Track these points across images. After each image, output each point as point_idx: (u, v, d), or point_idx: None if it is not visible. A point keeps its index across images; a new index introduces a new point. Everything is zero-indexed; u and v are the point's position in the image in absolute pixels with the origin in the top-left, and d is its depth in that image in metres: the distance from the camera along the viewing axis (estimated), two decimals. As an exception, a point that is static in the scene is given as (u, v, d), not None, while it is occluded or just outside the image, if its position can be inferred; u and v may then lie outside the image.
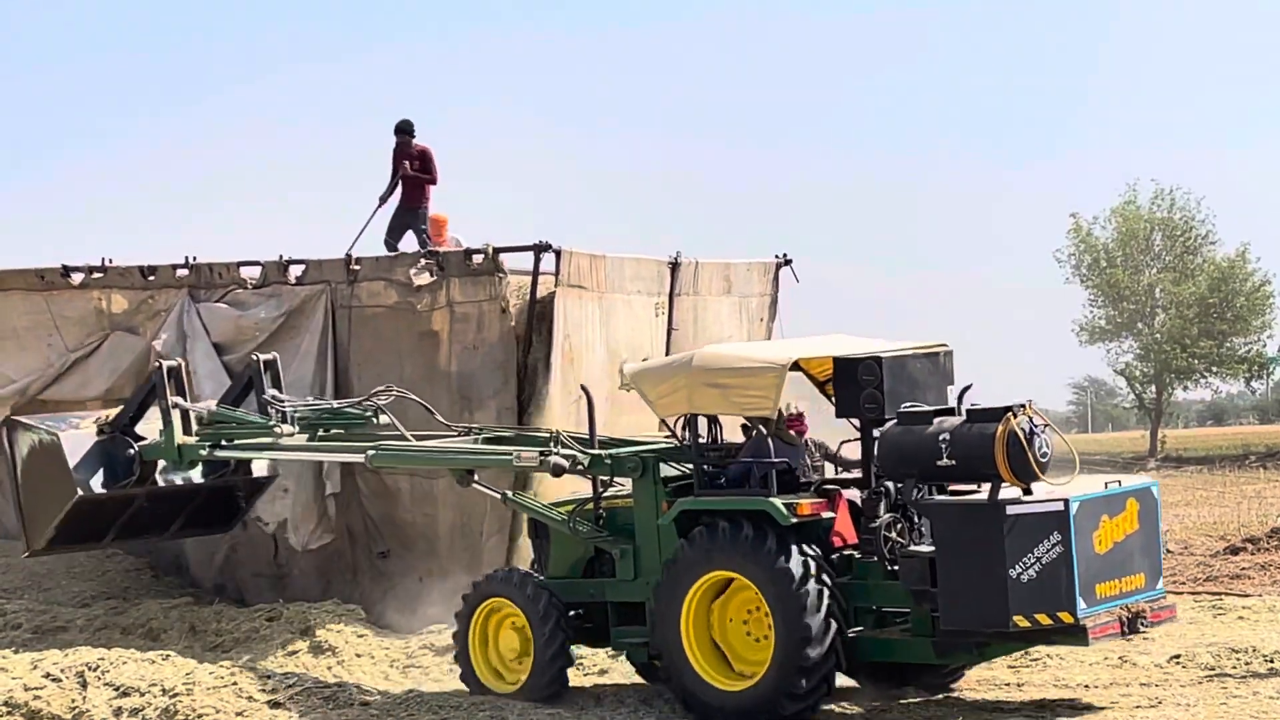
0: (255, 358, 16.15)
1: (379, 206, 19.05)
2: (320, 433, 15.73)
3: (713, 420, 13.79)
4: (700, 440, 13.51)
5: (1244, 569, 20.66)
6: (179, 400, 16.03)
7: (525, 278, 17.24)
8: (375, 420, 15.32)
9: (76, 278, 19.32)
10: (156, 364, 16.24)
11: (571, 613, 13.96)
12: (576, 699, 13.89)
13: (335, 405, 15.82)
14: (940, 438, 12.33)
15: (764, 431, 13.57)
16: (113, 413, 16.67)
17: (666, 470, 13.82)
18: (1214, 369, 53.83)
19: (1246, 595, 18.63)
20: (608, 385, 17.65)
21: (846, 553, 13.11)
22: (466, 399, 17.21)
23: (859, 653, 12.90)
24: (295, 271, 18.24)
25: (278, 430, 15.66)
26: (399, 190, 19.18)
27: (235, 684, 14.42)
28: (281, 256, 18.28)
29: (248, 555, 18.74)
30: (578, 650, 14.37)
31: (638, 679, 14.43)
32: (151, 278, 18.92)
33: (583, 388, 14.55)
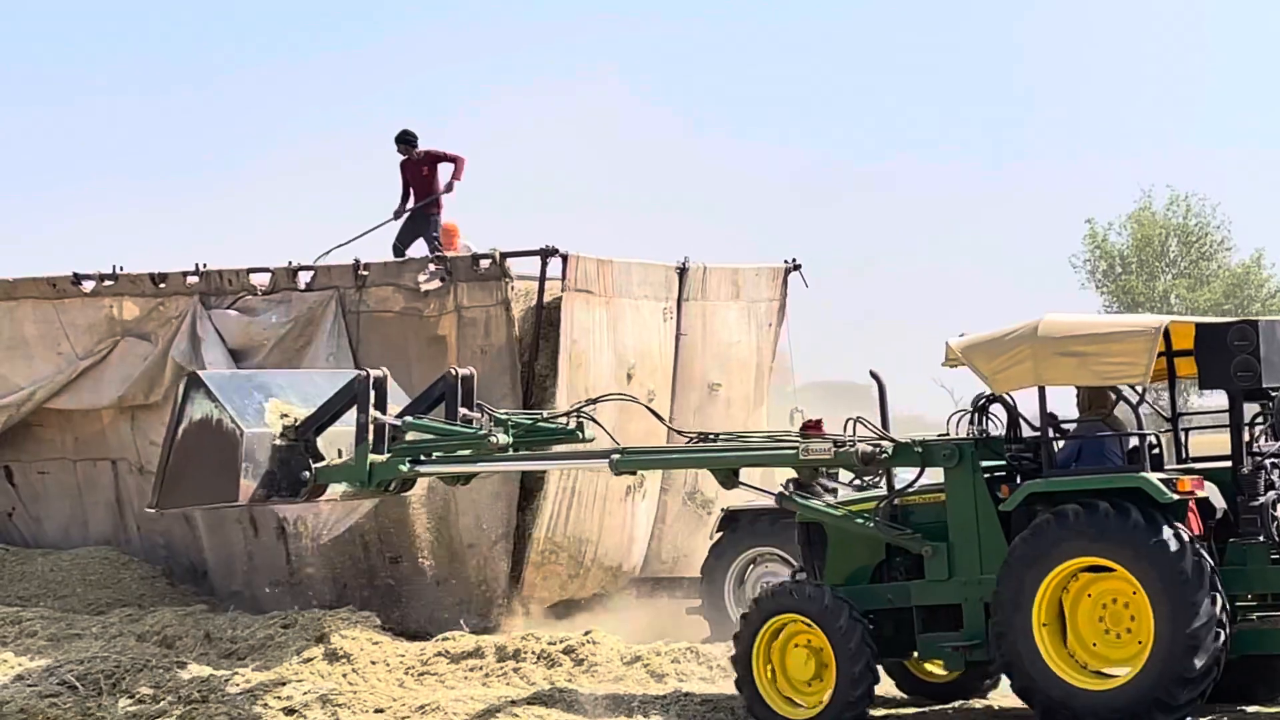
0: (453, 370, 15.03)
1: (392, 219, 19.09)
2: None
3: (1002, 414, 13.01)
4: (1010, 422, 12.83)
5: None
6: (379, 415, 14.66)
7: (532, 283, 17.29)
8: (581, 434, 14.38)
9: (87, 285, 19.25)
10: (362, 373, 14.96)
11: None
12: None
13: (543, 416, 14.78)
14: None
15: (1131, 401, 12.83)
16: (303, 414, 15.26)
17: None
18: (1230, 375, 53.74)
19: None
20: (615, 391, 17.68)
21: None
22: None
23: (1235, 646, 12.00)
24: (304, 278, 18.27)
25: (493, 440, 14.26)
26: (411, 200, 19.25)
27: (250, 692, 14.48)
28: (291, 262, 18.33)
29: (263, 563, 18.78)
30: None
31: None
32: (162, 285, 18.86)
33: (872, 373, 13.66)
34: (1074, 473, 12.44)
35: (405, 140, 19.15)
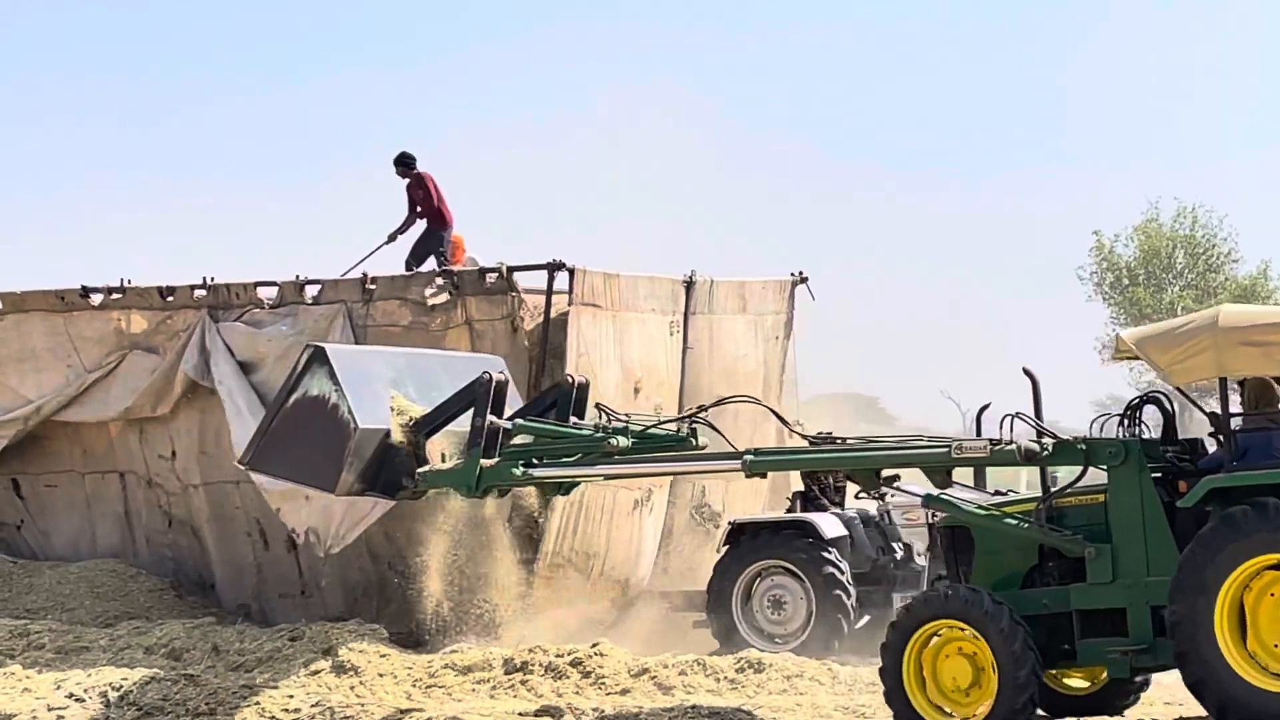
0: (570, 377, 14.70)
1: (387, 242, 19.16)
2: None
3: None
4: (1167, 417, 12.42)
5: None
6: (495, 419, 13.96)
7: (539, 296, 17.30)
8: (694, 441, 13.84)
9: (96, 298, 19.28)
10: (485, 375, 14.27)
11: None
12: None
13: (657, 421, 14.13)
14: None
15: None
16: (418, 414, 14.50)
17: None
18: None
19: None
20: (620, 405, 17.62)
21: None
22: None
23: None
24: (311, 291, 18.29)
25: (613, 444, 13.64)
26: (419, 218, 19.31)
27: (258, 704, 14.46)
28: (298, 276, 18.35)
29: (272, 574, 18.81)
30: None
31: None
32: (170, 298, 18.90)
33: (1025, 370, 13.18)
34: (1258, 467, 11.93)
35: (403, 162, 19.22)
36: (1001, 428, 12.49)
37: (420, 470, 14.17)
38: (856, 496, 17.93)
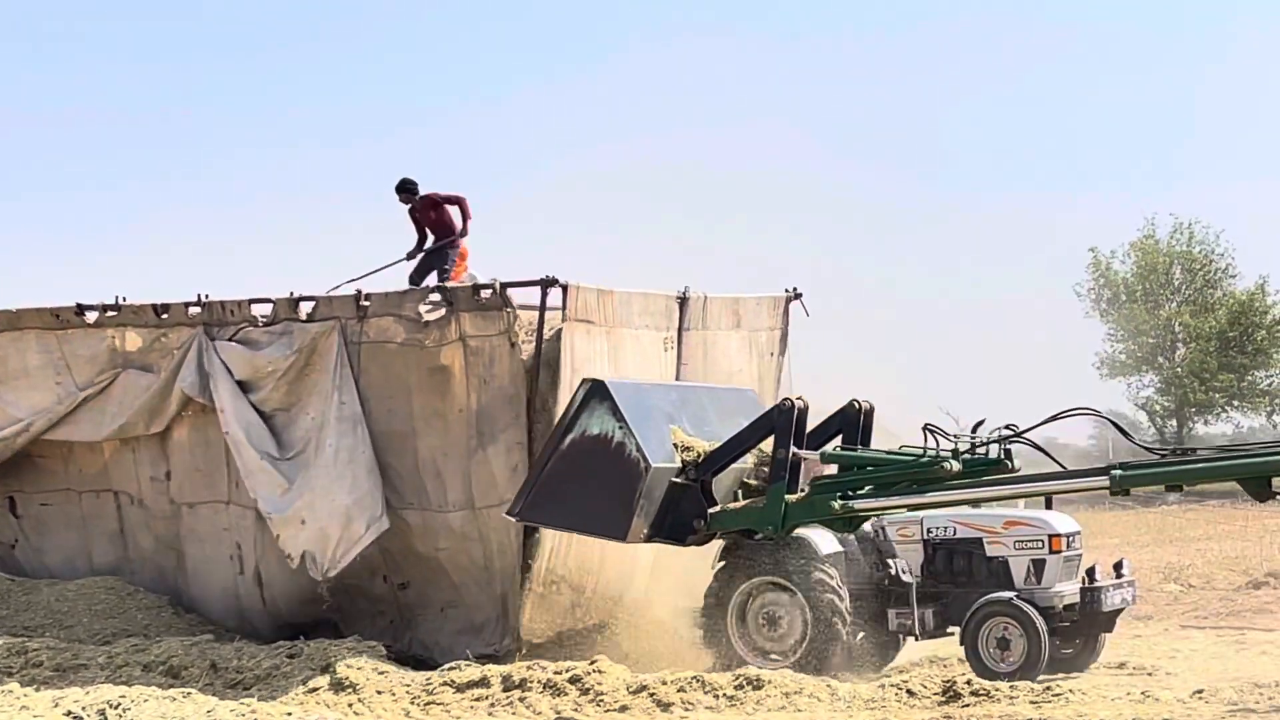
0: (856, 403, 13.98)
1: (405, 259, 19.17)
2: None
3: None
4: None
5: (1266, 603, 20.73)
6: (800, 451, 13.34)
7: (534, 313, 17.33)
8: (1010, 463, 13.24)
9: (91, 316, 19.29)
10: (785, 402, 13.49)
11: None
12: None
13: (983, 442, 13.44)
14: None
15: None
16: (704, 449, 13.73)
17: None
18: (1234, 403, 53.79)
19: (1270, 630, 18.68)
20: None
21: None
22: (479, 433, 17.28)
23: None
24: (306, 308, 18.27)
25: (945, 468, 13.17)
26: (429, 240, 19.34)
27: (256, 721, 14.50)
28: (292, 293, 18.33)
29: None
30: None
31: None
32: (164, 316, 18.90)
33: None
34: None
35: (405, 189, 19.20)
36: None
37: (713, 511, 13.54)
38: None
